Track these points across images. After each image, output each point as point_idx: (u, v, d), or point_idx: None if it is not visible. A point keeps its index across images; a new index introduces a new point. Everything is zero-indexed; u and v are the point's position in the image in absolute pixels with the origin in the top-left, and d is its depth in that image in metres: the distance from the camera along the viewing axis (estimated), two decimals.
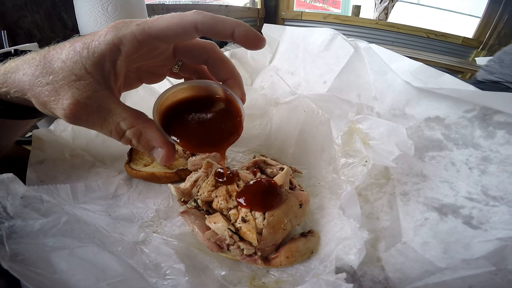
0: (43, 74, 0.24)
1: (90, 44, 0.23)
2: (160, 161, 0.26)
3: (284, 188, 0.32)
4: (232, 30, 0.24)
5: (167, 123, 0.26)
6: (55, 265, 0.23)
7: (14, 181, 0.27)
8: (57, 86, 0.24)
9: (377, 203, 0.34)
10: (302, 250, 0.31)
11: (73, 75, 0.23)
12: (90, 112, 0.24)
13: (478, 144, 0.31)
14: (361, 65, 0.44)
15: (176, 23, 0.23)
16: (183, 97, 0.28)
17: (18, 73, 0.25)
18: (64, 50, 0.24)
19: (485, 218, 0.28)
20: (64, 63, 0.24)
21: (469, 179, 0.30)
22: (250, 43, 0.25)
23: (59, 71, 0.24)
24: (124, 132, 0.25)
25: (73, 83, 0.23)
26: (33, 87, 0.24)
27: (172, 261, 0.28)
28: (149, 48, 0.25)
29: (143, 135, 0.25)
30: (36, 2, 0.90)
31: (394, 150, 0.31)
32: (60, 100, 0.24)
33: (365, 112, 0.35)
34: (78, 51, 0.23)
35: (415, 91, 0.36)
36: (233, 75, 0.31)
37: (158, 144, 0.25)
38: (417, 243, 0.29)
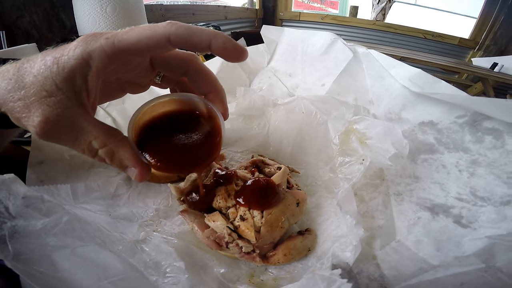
0: (15, 88, 0.23)
1: (60, 59, 0.23)
2: (134, 179, 0.25)
3: (282, 187, 0.33)
4: (209, 42, 0.23)
5: (143, 139, 0.26)
6: (57, 264, 0.23)
7: (15, 181, 0.27)
8: (28, 102, 0.23)
9: (372, 203, 0.35)
10: (299, 247, 0.31)
11: (44, 91, 0.23)
12: (61, 130, 0.23)
13: (467, 148, 0.32)
14: (359, 70, 0.45)
15: (147, 36, 0.22)
16: (163, 111, 0.27)
17: None
18: (36, 63, 0.23)
19: (474, 217, 0.29)
20: (36, 77, 0.23)
21: (458, 181, 0.32)
22: (229, 56, 0.24)
23: (30, 86, 0.23)
24: (96, 151, 0.24)
25: (44, 100, 0.23)
26: (6, 102, 0.23)
27: (172, 259, 0.28)
28: (121, 62, 0.24)
29: (115, 154, 0.24)
30: (35, 2, 0.90)
31: (390, 148, 0.32)
32: (31, 117, 0.23)
33: (362, 113, 0.36)
34: (48, 66, 0.23)
35: (412, 96, 0.37)
36: (215, 88, 0.29)
37: (131, 163, 0.24)
38: (410, 241, 0.30)
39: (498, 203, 0.29)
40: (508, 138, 0.30)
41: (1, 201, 0.25)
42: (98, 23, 0.85)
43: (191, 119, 0.27)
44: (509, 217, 0.27)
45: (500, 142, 0.31)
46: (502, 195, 0.29)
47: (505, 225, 0.27)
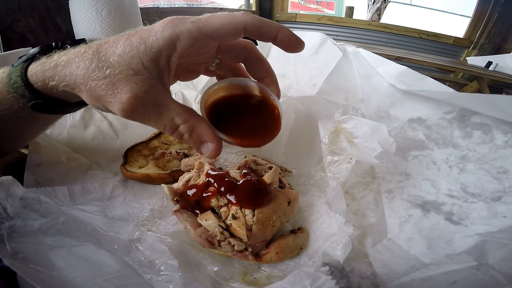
0: (99, 67, 0.24)
1: (147, 39, 0.24)
2: (209, 154, 0.26)
3: (273, 186, 0.33)
4: (276, 33, 0.25)
5: (211, 119, 0.27)
6: (53, 262, 0.24)
7: (13, 183, 0.28)
8: (114, 80, 0.24)
9: (363, 201, 0.35)
10: (291, 246, 0.32)
11: (130, 70, 0.24)
12: (147, 106, 0.25)
13: (457, 143, 0.33)
14: (349, 69, 0.45)
15: (228, 23, 0.24)
16: (224, 94, 0.30)
17: (70, 67, 0.25)
18: (119, 44, 0.24)
19: (465, 214, 0.29)
20: (121, 57, 0.24)
21: (449, 177, 0.32)
22: (290, 47, 0.27)
23: (116, 65, 0.24)
24: (177, 126, 0.26)
25: (131, 78, 0.24)
26: (88, 81, 0.24)
27: (166, 258, 0.29)
28: (200, 45, 0.26)
29: (195, 130, 0.26)
30: (30, 6, 0.90)
31: (377, 147, 0.32)
32: (118, 94, 0.24)
33: (350, 112, 0.37)
34: (135, 46, 0.24)
35: (400, 94, 0.37)
36: (269, 73, 0.32)
37: (209, 139, 0.26)
38: (402, 239, 0.30)
39: (489, 199, 0.29)
40: (496, 132, 0.31)
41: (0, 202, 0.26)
42: (94, 27, 0.85)
43: (251, 101, 0.30)
44: (500, 213, 0.28)
45: (489, 137, 0.31)
46: (493, 191, 0.29)
47: (496, 222, 0.27)
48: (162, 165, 0.44)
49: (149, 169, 0.43)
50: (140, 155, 0.46)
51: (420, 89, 0.35)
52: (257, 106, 0.30)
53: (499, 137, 0.30)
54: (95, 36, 0.86)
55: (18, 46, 0.88)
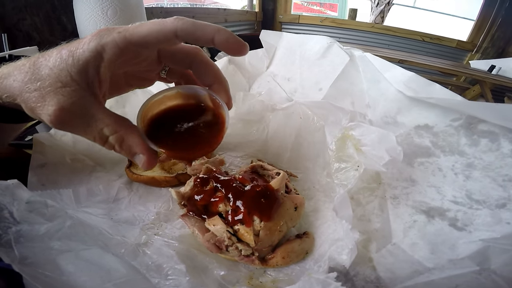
0: (31, 80, 0.25)
1: (75, 52, 0.24)
2: (141, 166, 0.27)
3: (280, 192, 0.33)
4: (212, 36, 0.25)
5: (152, 129, 0.27)
6: (62, 267, 0.24)
7: (18, 187, 0.28)
8: (43, 93, 0.24)
9: (368, 206, 0.35)
10: (297, 250, 0.32)
11: (59, 82, 0.24)
12: (74, 117, 0.25)
13: (463, 151, 0.33)
14: (355, 73, 0.45)
15: (157, 30, 0.24)
16: (170, 104, 0.29)
17: (9, 79, 0.26)
18: (51, 57, 0.25)
19: (469, 220, 0.29)
20: (51, 70, 0.24)
21: (454, 184, 0.32)
22: (231, 49, 0.26)
23: (46, 78, 0.24)
24: (107, 137, 0.26)
25: (59, 90, 0.24)
26: (22, 93, 0.25)
27: (174, 262, 0.29)
28: (131, 55, 0.26)
29: (125, 141, 0.26)
30: (36, 5, 0.91)
31: (384, 155, 0.32)
32: (46, 106, 0.24)
33: (358, 119, 0.37)
34: (64, 59, 0.24)
35: (407, 100, 0.37)
36: (218, 79, 0.31)
37: (140, 150, 0.26)
38: (406, 244, 0.31)
39: (493, 206, 0.29)
40: (503, 140, 0.31)
41: (6, 206, 0.26)
42: (99, 26, 0.85)
43: (197, 111, 0.29)
44: (504, 220, 0.28)
45: (495, 145, 0.31)
46: (498, 198, 0.29)
47: (500, 228, 0.27)
48: (167, 167, 0.44)
49: (155, 172, 0.43)
50: None
51: (428, 95, 0.35)
52: (203, 117, 0.29)
53: (506, 145, 0.30)
54: None
55: (23, 44, 0.89)
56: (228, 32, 0.25)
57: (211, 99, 0.29)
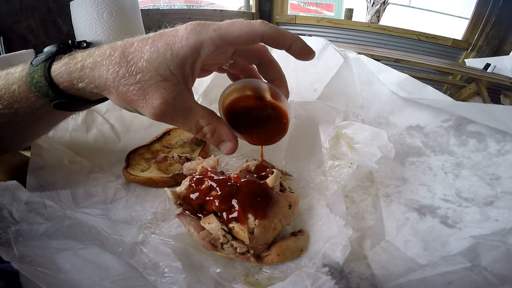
0: (129, 72, 0.26)
1: (173, 46, 0.25)
2: (227, 151, 0.30)
3: (275, 190, 0.34)
4: (290, 43, 0.28)
5: (230, 119, 0.31)
6: (60, 265, 0.24)
7: (18, 188, 0.29)
8: (145, 86, 0.26)
9: (362, 204, 0.36)
10: (292, 248, 0.33)
11: (159, 76, 0.26)
12: (176, 110, 0.27)
13: (452, 151, 0.34)
14: (349, 75, 0.46)
15: (247, 32, 0.26)
16: (238, 95, 0.33)
17: (99, 70, 0.26)
18: (145, 48, 0.26)
19: (459, 217, 0.30)
20: (149, 62, 0.25)
21: (444, 183, 0.33)
22: (302, 56, 0.29)
23: (145, 70, 0.25)
24: (202, 127, 0.29)
25: (160, 84, 0.26)
26: (119, 85, 0.26)
27: (170, 260, 0.29)
28: (221, 51, 0.27)
29: (216, 130, 0.29)
30: (31, 7, 0.90)
31: (377, 152, 0.33)
32: (150, 100, 0.26)
33: (350, 118, 0.37)
34: (162, 52, 0.25)
35: (400, 101, 0.38)
36: (280, 76, 0.34)
37: (228, 138, 0.29)
38: (399, 241, 0.31)
39: (482, 204, 0.30)
40: (490, 141, 0.32)
41: (5, 206, 0.27)
42: (95, 29, 0.86)
43: (262, 102, 0.34)
44: (492, 217, 0.29)
45: (483, 145, 0.32)
46: (486, 196, 0.30)
47: (489, 225, 0.28)
48: (164, 168, 0.45)
49: (152, 173, 0.43)
50: (142, 159, 0.47)
51: (420, 97, 0.36)
52: (268, 107, 0.34)
53: (492, 146, 0.31)
54: (96, 38, 0.87)
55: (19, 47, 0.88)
56: (302, 41, 0.29)
57: (271, 92, 0.33)
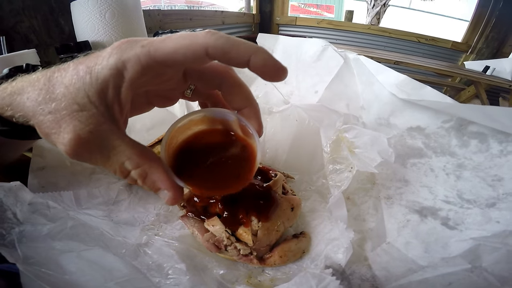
0: (45, 100, 0.21)
1: (93, 69, 0.21)
2: (166, 202, 0.24)
3: (277, 193, 0.34)
4: (248, 57, 0.20)
5: (177, 160, 0.25)
6: (64, 267, 0.25)
7: (21, 188, 0.29)
8: (58, 117, 0.21)
9: (363, 206, 0.37)
10: (294, 250, 0.33)
11: (75, 104, 0.21)
12: (93, 149, 0.22)
13: (454, 152, 0.34)
14: (350, 76, 0.46)
15: (185, 46, 0.20)
16: (196, 130, 0.27)
17: (22, 96, 0.22)
18: (67, 73, 0.21)
19: (461, 219, 0.30)
20: (67, 89, 0.21)
21: (446, 184, 0.33)
22: (268, 74, 0.21)
23: (61, 98, 0.21)
24: (129, 172, 0.23)
25: (75, 114, 0.21)
26: (36, 115, 0.22)
27: (174, 262, 0.30)
28: (155, 73, 0.22)
29: (148, 176, 0.23)
30: (34, 7, 0.90)
31: (377, 158, 0.33)
32: (61, 134, 0.21)
33: (351, 121, 0.38)
34: (81, 76, 0.21)
35: (400, 102, 0.38)
36: (250, 103, 0.27)
37: (164, 186, 0.23)
38: (400, 243, 0.32)
39: (483, 205, 0.30)
40: (492, 141, 0.32)
41: (9, 207, 0.27)
42: (97, 29, 0.86)
43: (225, 139, 0.27)
44: (493, 219, 0.29)
45: (485, 146, 0.32)
46: (487, 198, 0.30)
47: (490, 227, 0.28)
48: None
49: None
50: None
51: (420, 98, 0.36)
52: (232, 148, 0.26)
53: (494, 146, 0.31)
54: (98, 39, 0.87)
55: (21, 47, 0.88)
56: (266, 53, 0.21)
57: (241, 125, 0.26)
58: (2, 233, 0.25)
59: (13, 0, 0.86)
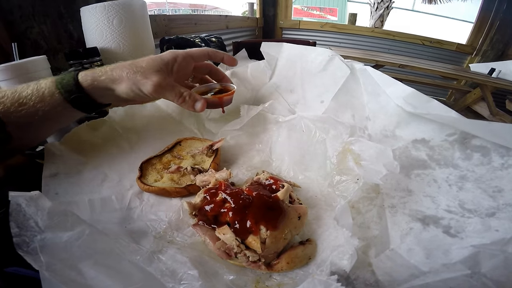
0: (137, 68, 0.43)
1: (162, 56, 0.46)
2: (200, 107, 0.47)
3: (285, 202, 0.35)
4: (222, 56, 0.53)
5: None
6: (84, 273, 0.26)
7: (40, 197, 0.30)
8: (146, 73, 0.43)
9: (368, 214, 0.37)
10: (300, 256, 0.34)
11: (154, 69, 0.44)
12: (166, 85, 0.44)
13: (457, 164, 0.35)
14: (356, 87, 0.47)
15: (200, 51, 0.51)
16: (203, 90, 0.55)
17: (116, 71, 0.43)
18: (144, 60, 0.45)
19: (461, 228, 0.31)
20: (148, 63, 0.44)
21: (448, 194, 0.34)
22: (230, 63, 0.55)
23: (146, 66, 0.44)
24: (182, 93, 0.46)
25: (156, 72, 0.44)
26: (129, 76, 0.42)
27: (187, 268, 0.31)
28: (187, 62, 0.49)
29: (191, 95, 0.46)
30: (43, 13, 0.92)
31: (382, 170, 0.34)
32: (150, 79, 0.43)
33: (357, 133, 0.39)
34: (155, 59, 0.45)
35: (405, 114, 0.39)
36: (224, 75, 0.58)
37: (199, 98, 0.47)
38: (403, 249, 0.32)
39: (483, 215, 0.31)
40: (494, 155, 0.33)
41: (31, 216, 0.28)
42: (105, 35, 0.87)
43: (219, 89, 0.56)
44: (493, 227, 0.30)
45: (487, 159, 0.33)
46: (488, 208, 0.31)
47: (489, 235, 0.29)
48: (176, 178, 0.46)
49: (165, 183, 0.45)
50: (154, 169, 0.48)
51: (426, 111, 0.37)
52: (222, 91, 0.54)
53: (496, 160, 0.32)
54: (106, 45, 0.88)
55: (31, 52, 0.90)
56: (229, 55, 0.54)
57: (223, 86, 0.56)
58: (26, 241, 0.26)
59: (23, 5, 0.87)
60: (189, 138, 0.56)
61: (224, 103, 0.52)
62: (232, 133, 0.55)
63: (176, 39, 1.06)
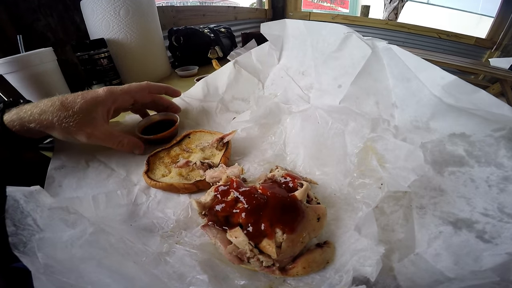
0: (69, 115, 0.40)
1: (97, 98, 0.43)
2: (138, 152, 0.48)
3: (303, 202, 0.32)
4: (164, 89, 0.55)
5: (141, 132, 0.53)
6: (85, 276, 0.24)
7: (41, 193, 0.28)
8: (80, 122, 0.41)
9: (393, 216, 0.34)
10: (318, 260, 0.31)
11: (89, 116, 0.42)
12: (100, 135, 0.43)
13: (501, 163, 0.31)
14: (379, 68, 0.41)
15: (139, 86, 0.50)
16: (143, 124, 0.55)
17: (45, 115, 0.39)
18: (77, 100, 0.41)
19: (497, 233, 0.28)
20: (81, 109, 0.41)
21: (486, 196, 0.30)
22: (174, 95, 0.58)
23: (80, 113, 0.40)
24: (120, 141, 0.45)
25: (90, 122, 0.42)
26: (62, 124, 0.39)
27: (196, 272, 0.28)
28: (123, 101, 0.48)
29: (130, 141, 0.47)
30: (49, 5, 0.91)
31: (410, 175, 0.30)
32: (84, 131, 0.41)
33: (381, 126, 0.34)
34: (89, 102, 0.42)
35: (443, 105, 0.34)
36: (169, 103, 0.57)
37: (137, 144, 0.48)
38: (429, 254, 0.30)
39: None
40: None
41: (30, 213, 0.26)
42: (112, 26, 0.86)
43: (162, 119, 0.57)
44: None
45: None
46: None
47: None
48: (185, 173, 0.44)
49: (173, 179, 0.42)
50: (162, 163, 0.46)
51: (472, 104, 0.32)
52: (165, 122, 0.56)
53: None
54: (113, 36, 0.87)
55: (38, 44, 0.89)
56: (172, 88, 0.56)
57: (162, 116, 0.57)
58: (22, 240, 0.24)
59: None
60: (198, 130, 0.54)
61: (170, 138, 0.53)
62: (243, 125, 0.51)
63: (185, 29, 1.03)
